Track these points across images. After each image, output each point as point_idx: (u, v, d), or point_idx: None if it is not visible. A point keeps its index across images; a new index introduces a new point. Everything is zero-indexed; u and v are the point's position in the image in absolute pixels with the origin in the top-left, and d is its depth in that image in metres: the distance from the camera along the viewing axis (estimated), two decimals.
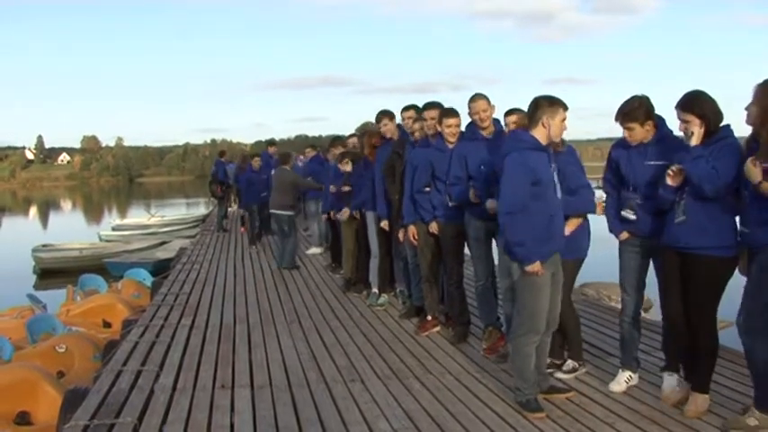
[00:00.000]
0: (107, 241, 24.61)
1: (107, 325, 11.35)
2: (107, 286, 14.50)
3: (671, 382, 5.46)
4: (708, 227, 4.88)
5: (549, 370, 5.78)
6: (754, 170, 4.49)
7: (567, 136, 5.58)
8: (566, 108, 5.27)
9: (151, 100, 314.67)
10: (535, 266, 5.07)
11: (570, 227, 5.60)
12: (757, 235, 4.66)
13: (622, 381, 5.63)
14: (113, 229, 28.48)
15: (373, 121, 9.31)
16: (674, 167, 4.97)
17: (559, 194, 5.29)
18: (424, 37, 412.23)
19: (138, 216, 35.24)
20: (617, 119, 5.34)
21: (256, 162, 16.21)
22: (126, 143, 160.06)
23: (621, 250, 5.60)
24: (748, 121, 4.71)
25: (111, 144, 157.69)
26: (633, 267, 5.54)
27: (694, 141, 4.87)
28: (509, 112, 6.22)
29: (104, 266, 18.65)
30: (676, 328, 5.19)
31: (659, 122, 5.33)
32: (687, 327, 5.08)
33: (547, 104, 5.22)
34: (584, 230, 5.83)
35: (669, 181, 5.00)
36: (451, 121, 6.92)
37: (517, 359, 5.37)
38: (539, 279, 5.17)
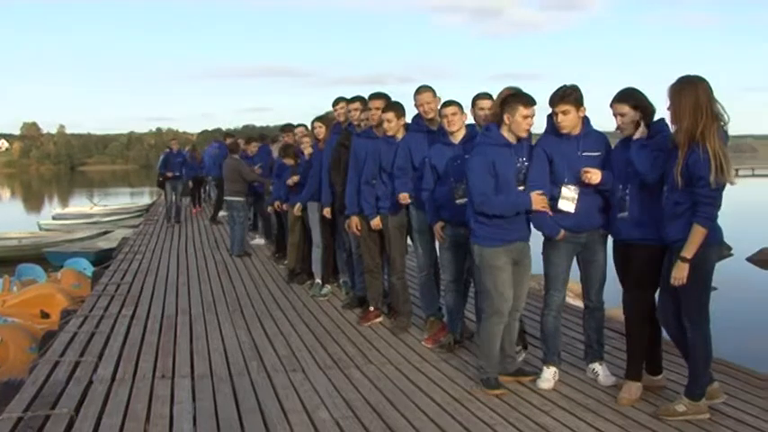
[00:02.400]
0: (47, 230, 24.08)
1: (45, 315, 11.12)
2: (46, 276, 14.21)
3: (604, 371, 5.65)
4: (648, 221, 5.05)
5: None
6: None
7: None
8: (527, 104, 5.37)
9: (94, 87, 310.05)
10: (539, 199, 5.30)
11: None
12: (670, 229, 4.83)
13: (550, 377, 5.62)
14: (54, 219, 27.91)
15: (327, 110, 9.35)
16: (588, 170, 5.24)
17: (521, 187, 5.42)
18: (377, 29, 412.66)
19: (79, 205, 34.66)
20: (552, 102, 5.33)
21: (254, 147, 14.56)
22: (68, 130, 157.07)
23: (551, 245, 5.54)
24: (670, 121, 4.85)
25: (53, 131, 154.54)
26: (564, 262, 5.54)
27: (638, 135, 5.06)
28: (479, 97, 6.31)
29: (44, 256, 18.26)
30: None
31: (585, 120, 5.43)
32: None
33: (508, 101, 5.40)
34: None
35: (589, 179, 5.25)
36: (448, 109, 6.30)
37: (483, 339, 5.63)
38: (496, 263, 5.42)
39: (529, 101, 5.40)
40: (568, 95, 5.29)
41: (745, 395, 5.31)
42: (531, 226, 5.59)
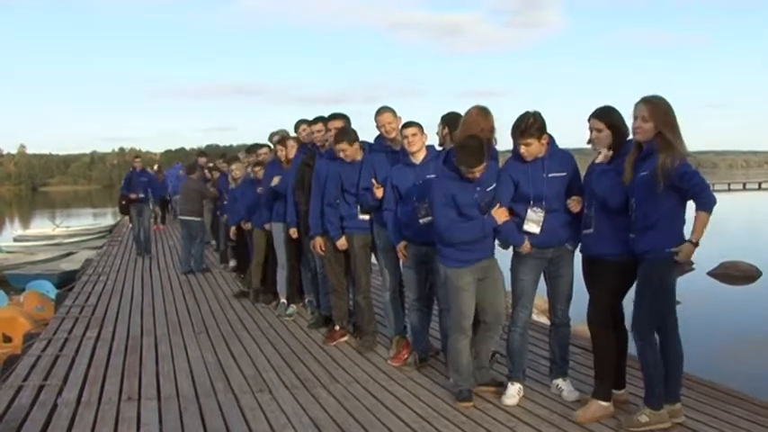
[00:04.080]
0: (8, 252, 23.72)
1: (7, 339, 10.98)
2: (8, 299, 14.01)
3: (568, 387, 5.74)
4: (612, 236, 5.15)
5: None
6: None
7: None
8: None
9: (56, 107, 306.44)
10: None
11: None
12: (639, 241, 4.94)
13: (515, 394, 5.66)
14: (15, 240, 27.59)
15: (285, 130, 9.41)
16: (573, 199, 5.40)
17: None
18: (340, 48, 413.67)
19: (41, 226, 34.28)
20: (514, 136, 5.42)
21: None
22: (29, 150, 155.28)
23: (518, 261, 5.61)
24: (639, 137, 4.94)
25: (13, 151, 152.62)
26: (531, 279, 5.61)
27: (601, 159, 5.21)
28: (406, 125, 6.37)
29: (5, 279, 18.03)
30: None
31: (549, 139, 5.50)
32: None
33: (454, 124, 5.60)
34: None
35: (573, 209, 5.41)
36: (408, 130, 6.35)
37: (450, 355, 5.84)
38: (459, 284, 5.56)
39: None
40: (530, 127, 5.32)
41: (706, 407, 5.42)
42: (496, 242, 5.68)
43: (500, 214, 5.43)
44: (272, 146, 9.92)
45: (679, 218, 4.86)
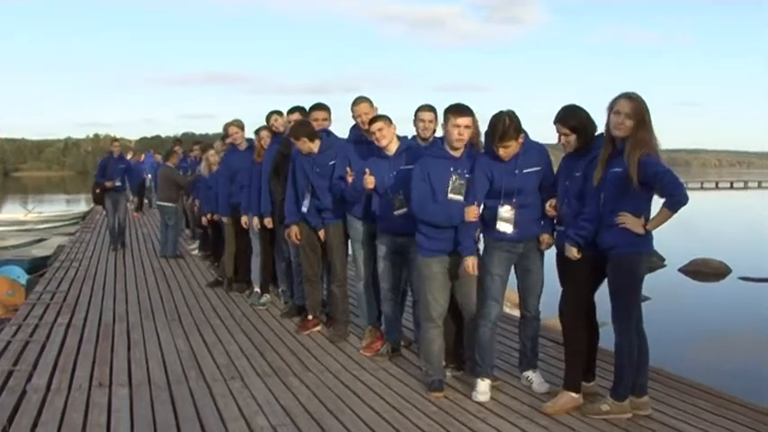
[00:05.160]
0: None
1: None
2: None
3: (538, 378, 5.80)
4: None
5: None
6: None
7: None
8: (457, 114, 5.49)
9: (29, 90, 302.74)
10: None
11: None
12: (604, 236, 5.01)
13: (486, 390, 5.62)
14: None
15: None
16: (550, 204, 5.46)
17: (458, 197, 5.52)
18: (321, 38, 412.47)
19: (13, 212, 33.82)
20: (491, 140, 5.34)
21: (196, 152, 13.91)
22: (1, 134, 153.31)
23: (488, 255, 5.59)
24: (620, 133, 4.95)
25: None
26: (501, 273, 5.59)
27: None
28: (421, 108, 6.33)
29: None
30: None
31: (524, 134, 5.50)
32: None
33: (445, 113, 5.56)
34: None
35: (549, 213, 5.48)
36: (374, 126, 6.37)
37: (422, 344, 5.96)
38: (426, 272, 5.66)
39: (458, 111, 5.51)
40: (507, 130, 5.24)
41: (673, 400, 5.51)
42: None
43: (470, 212, 5.44)
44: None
45: (645, 214, 4.92)
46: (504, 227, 5.46)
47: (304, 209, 7.30)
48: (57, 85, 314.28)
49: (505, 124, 5.26)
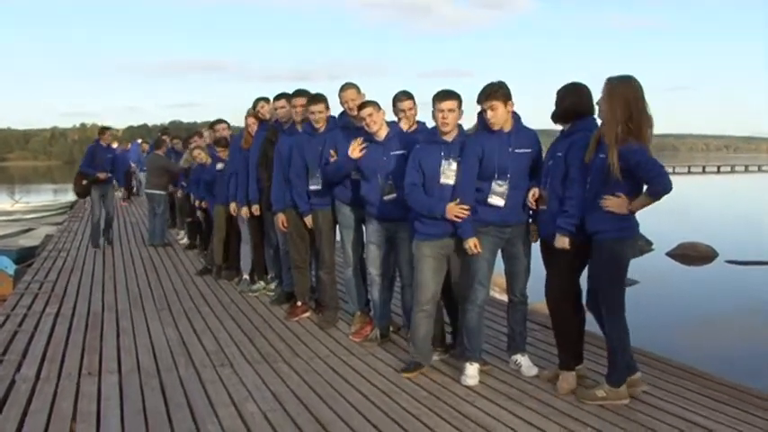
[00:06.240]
0: None
1: None
2: None
3: (527, 362, 5.83)
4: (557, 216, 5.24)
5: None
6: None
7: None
8: (440, 99, 5.54)
9: (15, 80, 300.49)
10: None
11: None
12: (589, 221, 5.05)
13: (475, 373, 5.65)
14: None
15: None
16: (533, 192, 5.46)
17: (448, 181, 5.56)
18: (305, 25, 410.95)
19: (0, 202, 33.67)
20: (480, 100, 5.42)
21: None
22: None
23: (477, 240, 5.53)
24: (600, 116, 5.01)
25: None
26: (488, 257, 5.61)
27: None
28: (398, 98, 6.46)
29: None
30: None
31: (515, 117, 5.55)
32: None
33: (433, 99, 5.59)
34: None
35: (530, 204, 5.50)
36: (363, 112, 6.31)
37: (411, 326, 5.95)
38: (417, 255, 5.71)
39: (440, 96, 5.56)
40: (495, 92, 5.37)
41: (661, 383, 5.56)
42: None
43: (452, 211, 5.47)
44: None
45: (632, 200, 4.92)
46: (496, 200, 5.48)
47: (317, 187, 7.12)
48: (42, 75, 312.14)
49: (494, 86, 5.40)
